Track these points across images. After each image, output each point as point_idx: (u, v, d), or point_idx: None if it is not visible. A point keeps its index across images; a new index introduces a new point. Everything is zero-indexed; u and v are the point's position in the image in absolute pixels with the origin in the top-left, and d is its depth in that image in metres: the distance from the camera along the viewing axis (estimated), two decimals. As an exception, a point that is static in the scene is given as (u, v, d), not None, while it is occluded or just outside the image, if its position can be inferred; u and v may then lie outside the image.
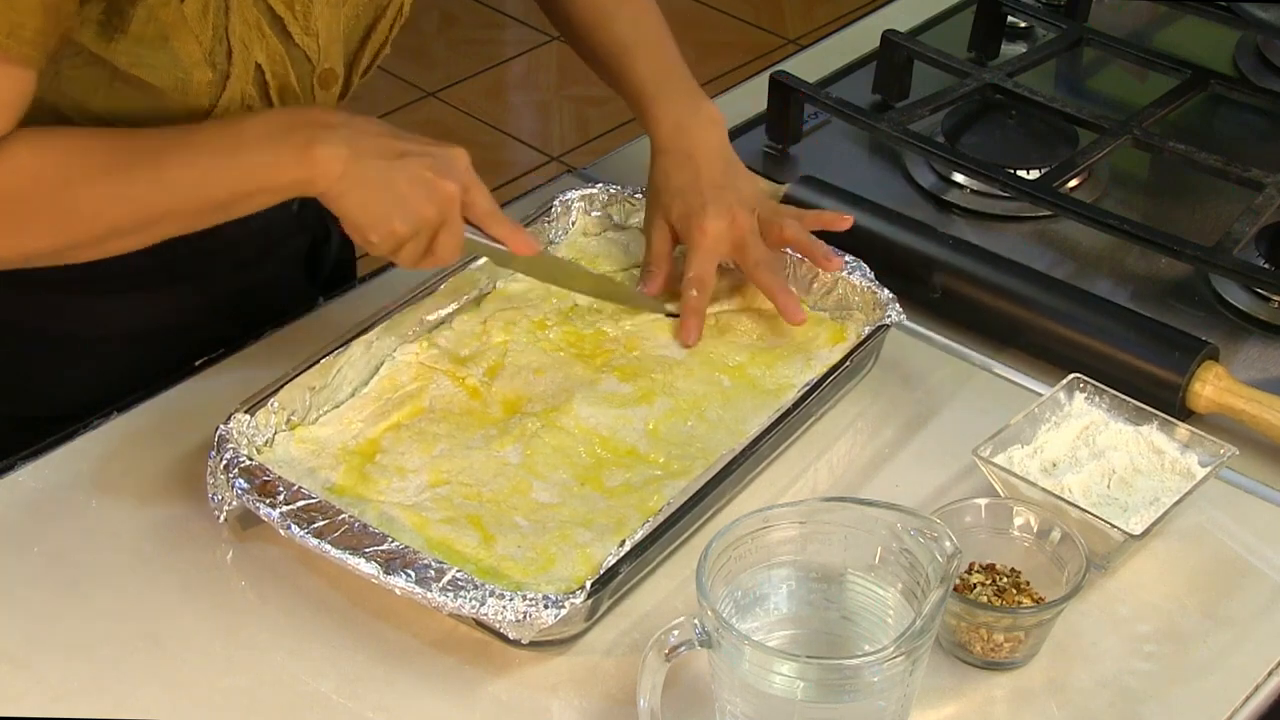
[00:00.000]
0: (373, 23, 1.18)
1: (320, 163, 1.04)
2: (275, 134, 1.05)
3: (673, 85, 1.26)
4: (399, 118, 3.33)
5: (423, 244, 1.09)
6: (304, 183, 1.05)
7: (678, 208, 1.23)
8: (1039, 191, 1.36)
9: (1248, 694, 1.00)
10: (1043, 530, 1.04)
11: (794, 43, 3.55)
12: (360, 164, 1.05)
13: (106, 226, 1.05)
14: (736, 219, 1.21)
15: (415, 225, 1.07)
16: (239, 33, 1.07)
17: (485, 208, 1.12)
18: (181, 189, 1.05)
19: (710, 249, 1.21)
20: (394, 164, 1.06)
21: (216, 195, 1.05)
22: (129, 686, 1.00)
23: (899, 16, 1.64)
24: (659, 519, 1.03)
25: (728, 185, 1.23)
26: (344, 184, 1.05)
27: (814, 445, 1.17)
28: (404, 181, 1.06)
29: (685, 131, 1.24)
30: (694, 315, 1.21)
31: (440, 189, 1.08)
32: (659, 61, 1.27)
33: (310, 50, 1.13)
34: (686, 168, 1.23)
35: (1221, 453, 1.09)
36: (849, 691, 0.89)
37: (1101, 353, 1.21)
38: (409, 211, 1.07)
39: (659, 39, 1.28)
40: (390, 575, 0.98)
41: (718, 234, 1.21)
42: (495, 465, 1.11)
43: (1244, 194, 1.35)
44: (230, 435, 1.07)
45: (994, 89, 1.50)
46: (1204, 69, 1.52)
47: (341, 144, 1.05)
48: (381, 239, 1.08)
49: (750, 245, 1.21)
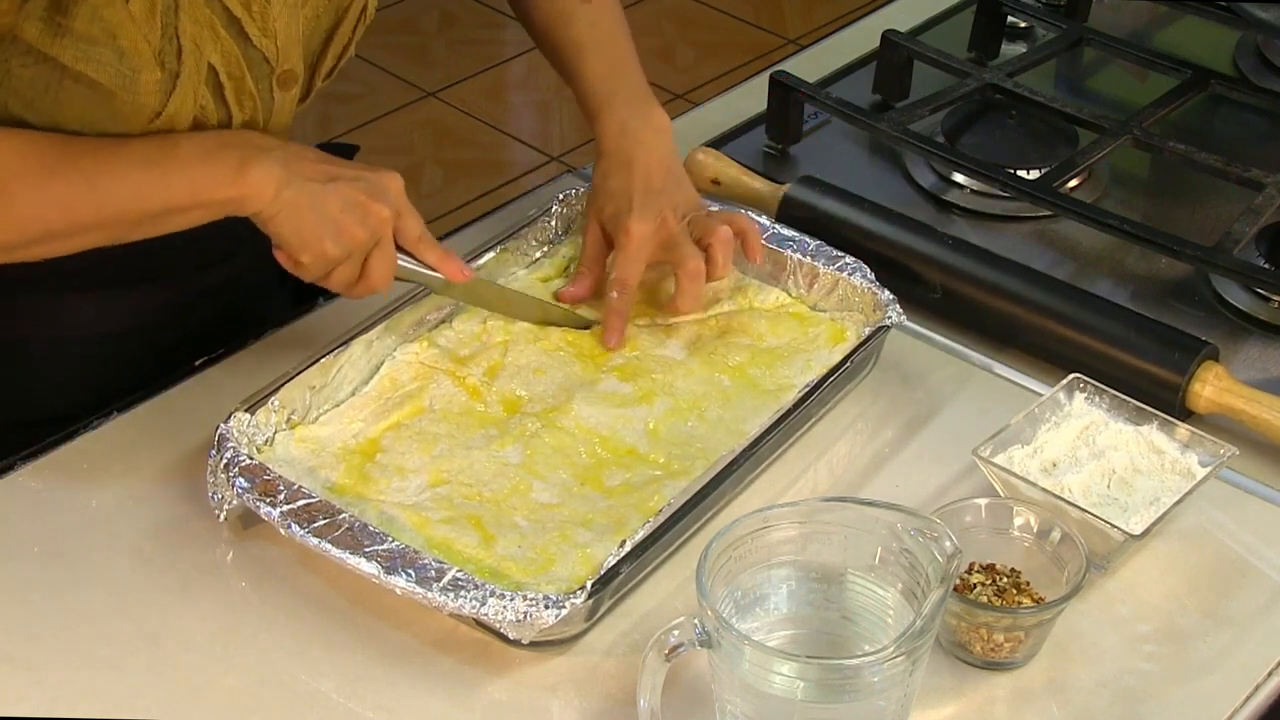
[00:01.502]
0: (334, 25, 1.18)
1: (253, 183, 1.06)
2: (210, 152, 1.07)
3: (623, 89, 1.26)
4: (399, 117, 3.33)
5: (355, 268, 1.11)
6: (236, 201, 1.07)
7: (609, 209, 1.23)
8: (1039, 191, 1.36)
9: (1248, 694, 1.00)
10: (1043, 530, 1.04)
11: (794, 43, 3.55)
12: (293, 186, 1.07)
13: (40, 229, 1.05)
14: (665, 222, 1.21)
15: (347, 248, 1.09)
16: (190, 32, 1.06)
17: (417, 233, 1.13)
18: (114, 199, 1.06)
19: (635, 251, 1.21)
20: (326, 187, 1.08)
21: (148, 208, 1.07)
22: (129, 686, 1.00)
23: (899, 16, 1.64)
24: (659, 519, 1.03)
25: (662, 191, 1.22)
26: (276, 205, 1.06)
27: (814, 445, 1.17)
28: (336, 204, 1.08)
29: (629, 135, 1.24)
30: (615, 316, 1.21)
31: (373, 212, 1.09)
32: (611, 64, 1.27)
33: (268, 51, 1.12)
34: (624, 171, 1.23)
35: (1221, 453, 1.09)
36: (849, 691, 0.89)
37: (1101, 353, 1.21)
38: (341, 234, 1.08)
39: (614, 41, 1.28)
40: (390, 575, 0.98)
41: (643, 236, 1.21)
42: (495, 465, 1.11)
43: (1244, 194, 1.35)
44: (230, 434, 1.07)
45: (994, 89, 1.50)
46: (1204, 69, 1.52)
47: (275, 165, 1.07)
48: (313, 260, 1.09)
49: (678, 245, 1.21)
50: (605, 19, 1.29)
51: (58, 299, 1.21)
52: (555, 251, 1.30)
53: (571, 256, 1.29)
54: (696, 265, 1.21)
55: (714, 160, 1.41)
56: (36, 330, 1.22)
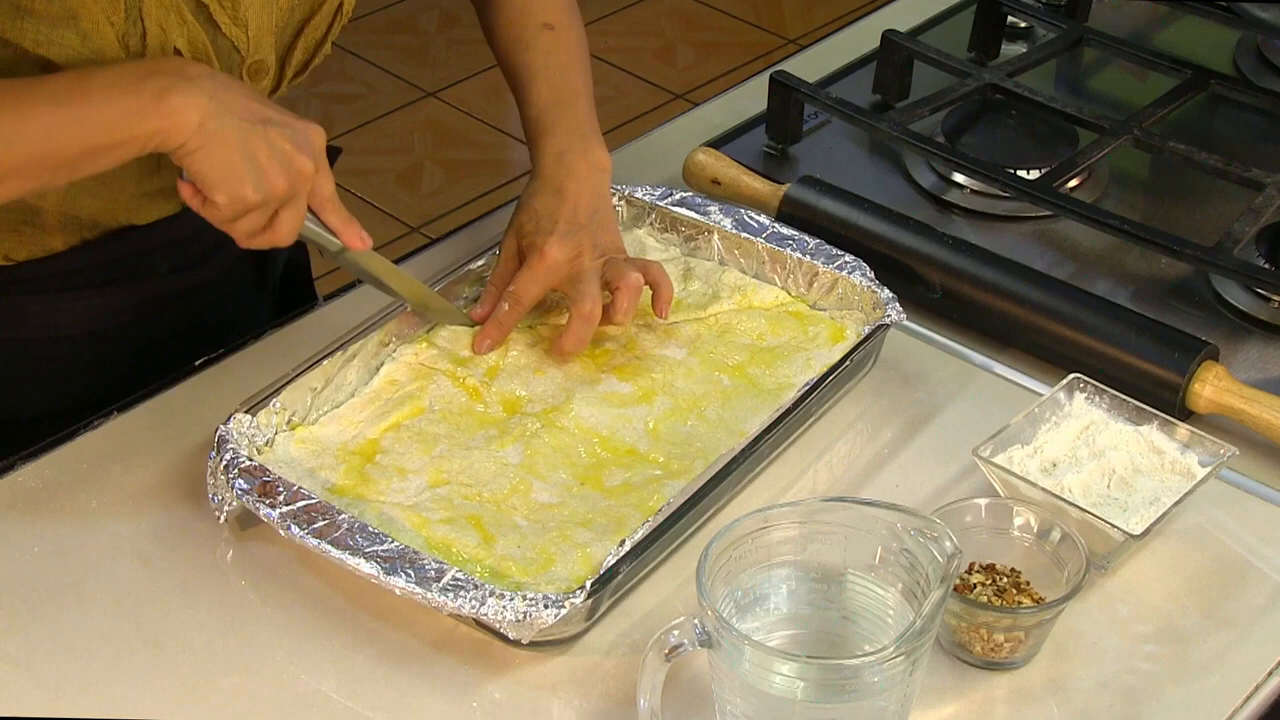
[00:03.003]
0: (307, 18, 1.17)
1: (176, 112, 0.99)
2: (126, 83, 1.00)
3: (566, 119, 1.24)
4: (399, 118, 3.33)
5: (265, 217, 1.05)
6: (159, 134, 0.99)
7: (530, 226, 1.20)
8: (1039, 191, 1.36)
9: (1248, 694, 1.00)
10: (1043, 530, 1.04)
11: (794, 43, 3.55)
12: (220, 119, 1.00)
13: None
14: (580, 256, 1.19)
15: (266, 195, 1.03)
16: (155, 15, 1.05)
17: (327, 193, 1.08)
18: (22, 140, 0.99)
19: (543, 273, 1.19)
20: (255, 128, 1.02)
21: (64, 150, 0.99)
22: (129, 686, 1.00)
23: (899, 16, 1.64)
24: (659, 519, 1.03)
25: (585, 226, 1.20)
26: (201, 137, 1.00)
27: (814, 445, 1.17)
28: (264, 148, 1.02)
29: (564, 165, 1.22)
30: (495, 326, 1.19)
31: (297, 163, 1.04)
32: (558, 94, 1.25)
33: (239, 41, 1.11)
34: (554, 196, 1.21)
35: (1221, 453, 1.09)
36: (849, 691, 0.89)
37: (1101, 353, 1.21)
38: (262, 180, 1.02)
39: (566, 73, 1.26)
40: (390, 575, 0.98)
41: (556, 261, 1.18)
42: (495, 465, 1.11)
43: (1244, 194, 1.35)
44: (230, 435, 1.07)
45: (994, 89, 1.50)
46: (1204, 69, 1.52)
47: (201, 94, 0.99)
48: (229, 202, 1.02)
49: (583, 282, 1.19)
50: (562, 50, 1.27)
51: (30, 299, 1.20)
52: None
53: (571, 256, 1.29)
54: (592, 309, 1.18)
55: (714, 160, 1.40)
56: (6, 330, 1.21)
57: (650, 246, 1.31)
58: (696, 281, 1.28)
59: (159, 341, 1.24)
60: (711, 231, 1.29)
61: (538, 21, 1.27)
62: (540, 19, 1.27)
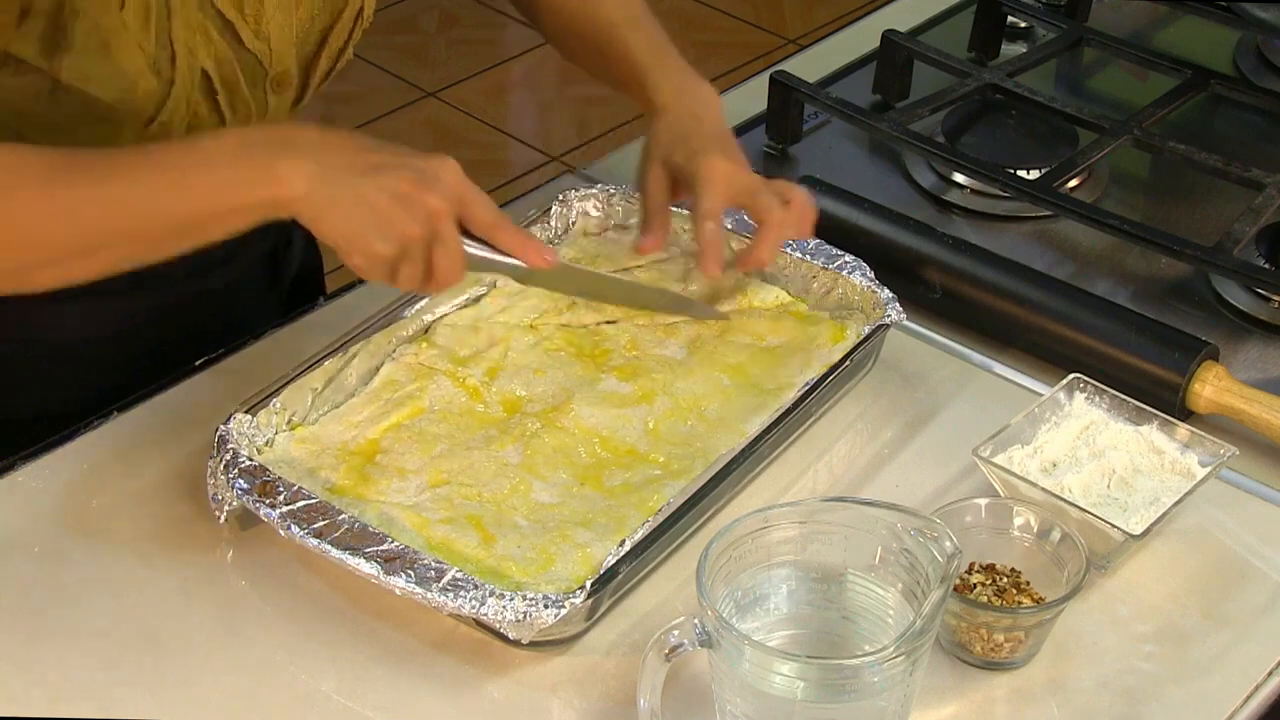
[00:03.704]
0: (329, 26, 1.17)
1: (283, 180, 0.97)
2: (234, 151, 0.98)
3: (669, 58, 1.23)
4: (399, 118, 3.33)
5: (418, 264, 1.01)
6: (269, 203, 0.98)
7: (680, 152, 1.17)
8: (1039, 191, 1.36)
9: (1248, 694, 1.00)
10: (1043, 530, 1.04)
11: (794, 43, 3.55)
12: (328, 181, 0.98)
13: (47, 248, 0.98)
14: (744, 166, 1.17)
15: (399, 244, 1.00)
16: (183, 38, 1.05)
17: (488, 218, 1.04)
18: (129, 208, 0.98)
19: (722, 182, 1.15)
20: (366, 179, 0.99)
21: (171, 217, 0.98)
22: (129, 686, 1.00)
23: (899, 16, 1.64)
24: (659, 519, 1.03)
25: (732, 144, 1.19)
26: (313, 203, 0.98)
27: (814, 445, 1.17)
28: (380, 197, 0.99)
29: (689, 94, 1.20)
30: (712, 248, 1.15)
31: (422, 203, 1.00)
32: (653, 36, 1.24)
33: (261, 54, 1.10)
34: (691, 122, 1.18)
35: (1221, 453, 1.09)
36: (849, 691, 0.89)
37: (1101, 353, 1.21)
38: (389, 230, 0.99)
39: (648, 19, 1.26)
40: (390, 575, 0.98)
41: (728, 170, 1.15)
42: (495, 465, 1.11)
43: (1244, 194, 1.35)
44: (230, 435, 1.07)
45: (994, 89, 1.50)
46: (1204, 69, 1.52)
47: (306, 159, 0.98)
48: (366, 261, 1.00)
49: (760, 191, 1.16)
50: (634, 4, 1.26)
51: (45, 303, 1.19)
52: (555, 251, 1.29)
53: (573, 258, 1.29)
54: (783, 215, 1.15)
55: (714, 160, 1.40)
56: (22, 333, 1.21)
57: (650, 246, 1.31)
58: (696, 281, 1.27)
59: (171, 344, 1.24)
60: (711, 231, 1.29)
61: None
62: None
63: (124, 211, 0.98)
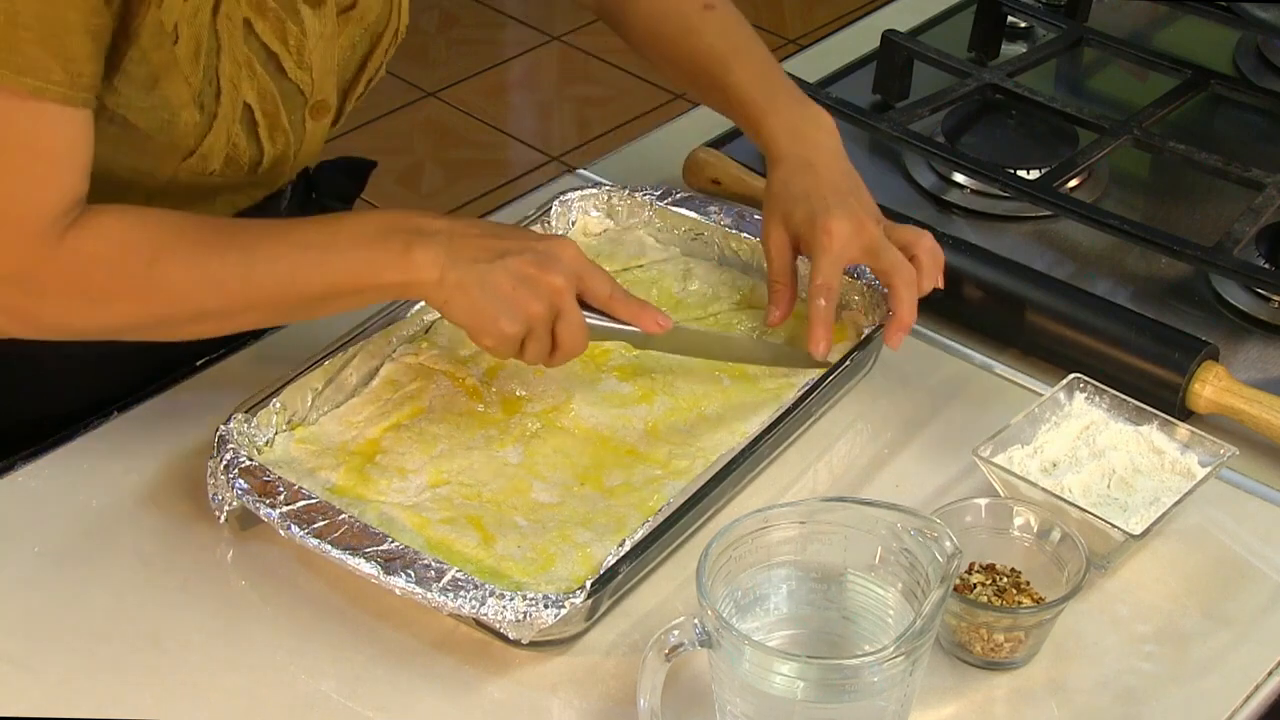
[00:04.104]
0: (369, 51, 1.18)
1: (418, 267, 1.03)
2: (372, 235, 1.04)
3: (780, 93, 1.21)
4: (399, 118, 3.33)
5: (544, 340, 1.07)
6: (401, 286, 1.05)
7: (800, 213, 1.15)
8: (1039, 191, 1.36)
9: (1248, 694, 1.00)
10: (1043, 530, 1.04)
11: (794, 43, 3.55)
12: (458, 268, 1.03)
13: (193, 308, 1.04)
14: (864, 224, 1.14)
15: (525, 323, 1.05)
16: (229, 73, 1.06)
17: (606, 292, 1.09)
18: (269, 279, 1.03)
19: (838, 253, 1.14)
20: (494, 265, 1.04)
21: (308, 290, 1.04)
22: (129, 686, 1.00)
23: (899, 16, 1.64)
24: (659, 519, 1.03)
25: (850, 192, 1.17)
26: (444, 290, 1.04)
27: (814, 445, 1.17)
28: (507, 281, 1.04)
29: (802, 138, 1.18)
30: (822, 326, 1.14)
31: (544, 283, 1.05)
32: (757, 70, 1.22)
33: (304, 84, 1.12)
34: (807, 174, 1.17)
35: (1221, 453, 1.09)
36: (849, 691, 0.89)
37: (1101, 353, 1.21)
38: (516, 310, 1.05)
39: (751, 47, 1.24)
40: (390, 575, 0.98)
41: (845, 237, 1.13)
42: (495, 465, 1.11)
43: (1244, 194, 1.35)
44: (230, 435, 1.07)
45: (994, 89, 1.50)
46: (1204, 69, 1.52)
47: (439, 248, 1.04)
48: (495, 342, 1.06)
49: (882, 250, 1.14)
50: (733, 28, 1.25)
51: None
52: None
53: (572, 257, 1.29)
54: (911, 273, 1.14)
55: (714, 160, 1.40)
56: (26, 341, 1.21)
57: (650, 246, 1.31)
58: (696, 281, 1.28)
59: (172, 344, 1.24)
60: (711, 231, 1.29)
61: (696, 5, 1.25)
62: (698, 2, 1.25)
63: (265, 283, 1.04)
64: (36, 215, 0.99)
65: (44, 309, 1.03)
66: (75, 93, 0.97)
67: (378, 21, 1.17)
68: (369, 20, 1.16)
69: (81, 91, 0.97)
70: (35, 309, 1.04)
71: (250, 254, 1.03)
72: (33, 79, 0.95)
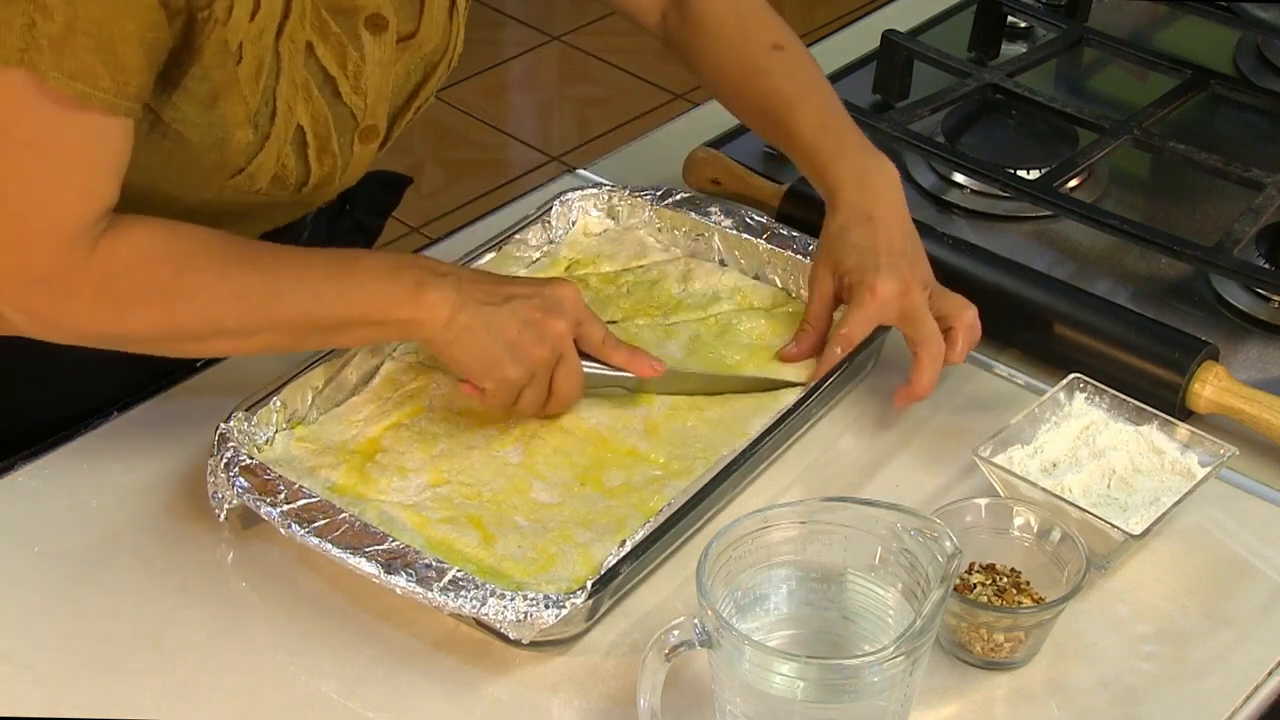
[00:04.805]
0: (422, 79, 1.18)
1: (429, 305, 1.05)
2: (388, 270, 1.07)
3: (846, 141, 1.20)
4: (399, 118, 3.33)
5: (542, 387, 1.09)
6: (411, 323, 1.06)
7: (851, 262, 1.15)
8: (1039, 191, 1.36)
9: (1248, 694, 1.00)
10: (1043, 530, 1.04)
11: (794, 43, 3.55)
12: (467, 310, 1.06)
13: (213, 323, 1.05)
14: (910, 289, 1.14)
15: (529, 368, 1.08)
16: (286, 94, 1.06)
17: (599, 337, 1.11)
18: (289, 302, 1.05)
19: (876, 311, 1.14)
20: (501, 309, 1.07)
21: (324, 316, 1.06)
22: (129, 686, 1.00)
23: (899, 16, 1.64)
24: (659, 519, 1.03)
25: (903, 253, 1.16)
26: (451, 331, 1.06)
27: (814, 445, 1.17)
28: (513, 325, 1.07)
29: (867, 189, 1.18)
30: (828, 370, 1.15)
31: (549, 328, 1.07)
32: (823, 115, 1.21)
33: (357, 108, 1.12)
34: (865, 226, 1.16)
35: (1221, 453, 1.09)
36: (849, 691, 0.89)
37: (1101, 353, 1.21)
38: (520, 355, 1.07)
39: (819, 91, 1.23)
40: (391, 575, 0.98)
41: (888, 297, 1.13)
42: (495, 465, 1.11)
43: (1244, 194, 1.35)
44: (230, 434, 1.07)
45: (994, 89, 1.50)
46: (1204, 69, 1.52)
47: (450, 289, 1.06)
48: (496, 385, 1.08)
49: (920, 319, 1.14)
50: (802, 70, 1.24)
51: None
52: (555, 251, 1.30)
53: (573, 259, 1.29)
54: (940, 347, 1.14)
55: (714, 160, 1.40)
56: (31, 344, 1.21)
57: (650, 246, 1.31)
58: (696, 281, 1.28)
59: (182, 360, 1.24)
60: (711, 231, 1.29)
61: (765, 45, 1.24)
62: (767, 41, 1.24)
63: (285, 304, 1.05)
64: (72, 221, 1.00)
65: (68, 313, 1.04)
66: (120, 101, 0.97)
67: (435, 51, 1.17)
68: (427, 49, 1.16)
69: (126, 101, 0.97)
70: (60, 312, 1.04)
71: (274, 276, 1.05)
72: (82, 84, 0.95)
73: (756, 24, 1.26)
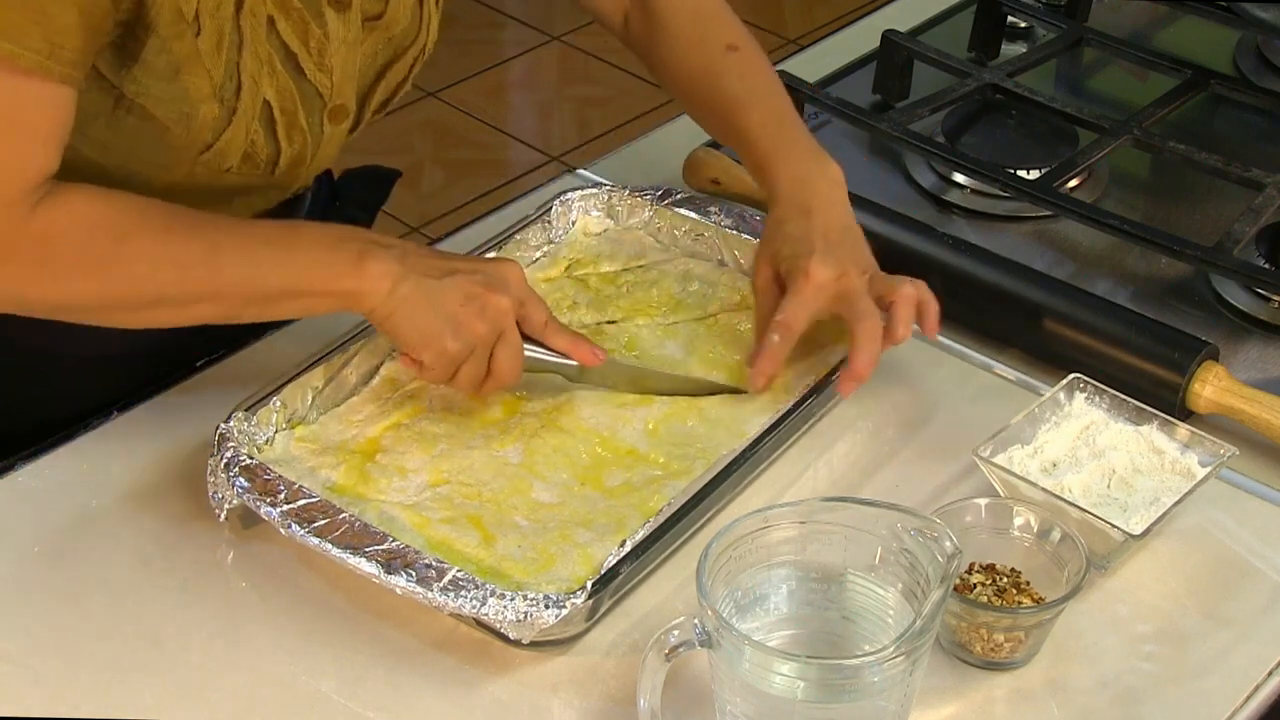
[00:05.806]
0: (390, 61, 1.18)
1: (370, 276, 1.04)
2: (330, 241, 1.06)
3: (791, 141, 1.20)
4: (399, 118, 3.33)
5: (481, 364, 1.08)
6: (352, 294, 1.05)
7: (786, 251, 1.15)
8: (1039, 191, 1.36)
9: (1248, 694, 1.00)
10: (1043, 530, 1.04)
11: (794, 43, 3.55)
12: (409, 281, 1.05)
13: (153, 291, 1.04)
14: (846, 273, 1.13)
15: (469, 342, 1.07)
16: (250, 69, 1.06)
17: (542, 319, 1.10)
18: (231, 270, 1.04)
19: (812, 295, 1.13)
20: (443, 281, 1.06)
21: (265, 286, 1.05)
22: (129, 686, 1.00)
23: (899, 16, 1.64)
24: (659, 519, 1.03)
25: (841, 244, 1.15)
26: (392, 302, 1.05)
27: (814, 445, 1.17)
28: (455, 298, 1.06)
29: (805, 186, 1.17)
30: (768, 359, 1.13)
31: (492, 303, 1.07)
32: (772, 115, 1.22)
33: (322, 86, 1.12)
34: (802, 218, 1.15)
35: (1221, 453, 1.09)
36: (849, 691, 0.89)
37: (1101, 353, 1.21)
38: (460, 329, 1.06)
39: (771, 92, 1.23)
40: (391, 575, 0.98)
41: (822, 281, 1.12)
42: (495, 465, 1.11)
43: (1244, 194, 1.35)
44: (230, 434, 1.07)
45: (994, 89, 1.50)
46: (1204, 69, 1.52)
47: (392, 260, 1.05)
48: (434, 358, 1.07)
49: (855, 298, 1.13)
50: (754, 71, 1.24)
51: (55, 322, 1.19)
52: (555, 251, 1.30)
53: (573, 259, 1.29)
54: (875, 325, 1.12)
55: (714, 160, 1.40)
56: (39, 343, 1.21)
57: (650, 246, 1.31)
58: (696, 281, 1.28)
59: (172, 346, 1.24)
60: (711, 231, 1.29)
61: (720, 46, 1.24)
62: (722, 42, 1.24)
63: (226, 274, 1.04)
64: (5, 188, 0.99)
65: (4, 279, 1.02)
66: (54, 65, 0.96)
67: (404, 35, 1.17)
68: (394, 31, 1.16)
69: (61, 65, 0.96)
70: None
71: (215, 244, 1.04)
72: (9, 43, 0.94)
73: (715, 26, 1.26)
